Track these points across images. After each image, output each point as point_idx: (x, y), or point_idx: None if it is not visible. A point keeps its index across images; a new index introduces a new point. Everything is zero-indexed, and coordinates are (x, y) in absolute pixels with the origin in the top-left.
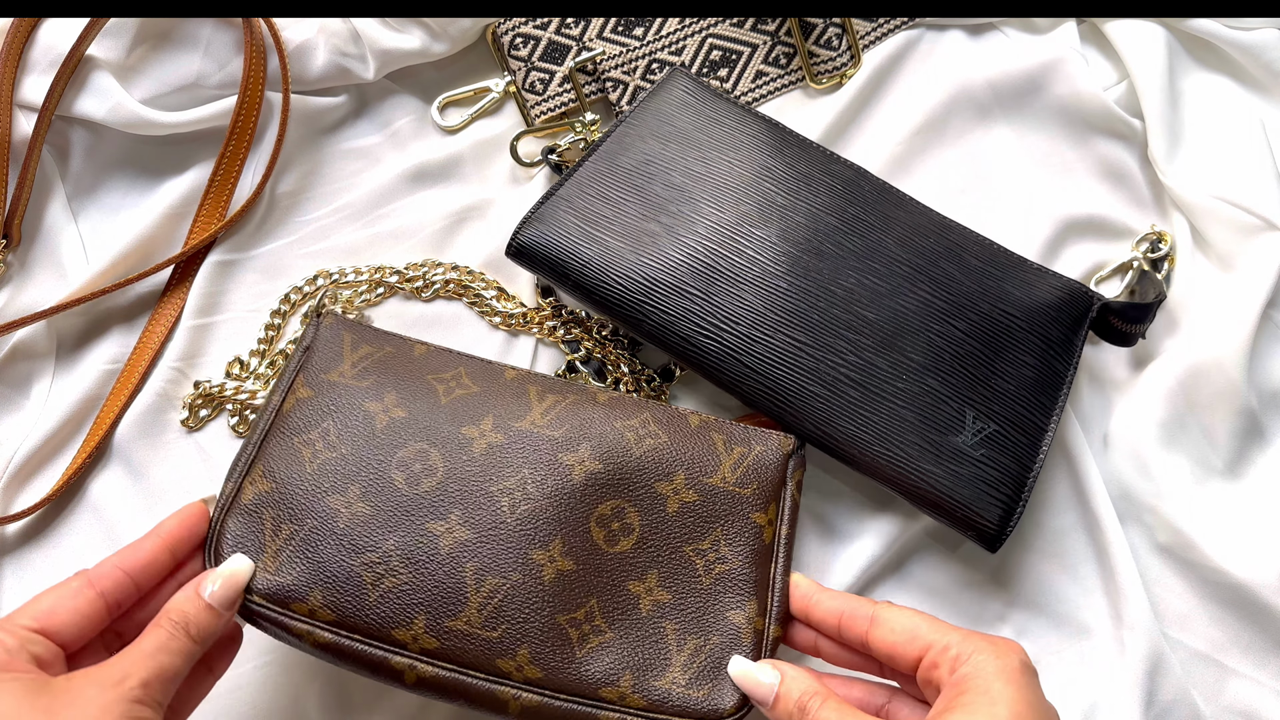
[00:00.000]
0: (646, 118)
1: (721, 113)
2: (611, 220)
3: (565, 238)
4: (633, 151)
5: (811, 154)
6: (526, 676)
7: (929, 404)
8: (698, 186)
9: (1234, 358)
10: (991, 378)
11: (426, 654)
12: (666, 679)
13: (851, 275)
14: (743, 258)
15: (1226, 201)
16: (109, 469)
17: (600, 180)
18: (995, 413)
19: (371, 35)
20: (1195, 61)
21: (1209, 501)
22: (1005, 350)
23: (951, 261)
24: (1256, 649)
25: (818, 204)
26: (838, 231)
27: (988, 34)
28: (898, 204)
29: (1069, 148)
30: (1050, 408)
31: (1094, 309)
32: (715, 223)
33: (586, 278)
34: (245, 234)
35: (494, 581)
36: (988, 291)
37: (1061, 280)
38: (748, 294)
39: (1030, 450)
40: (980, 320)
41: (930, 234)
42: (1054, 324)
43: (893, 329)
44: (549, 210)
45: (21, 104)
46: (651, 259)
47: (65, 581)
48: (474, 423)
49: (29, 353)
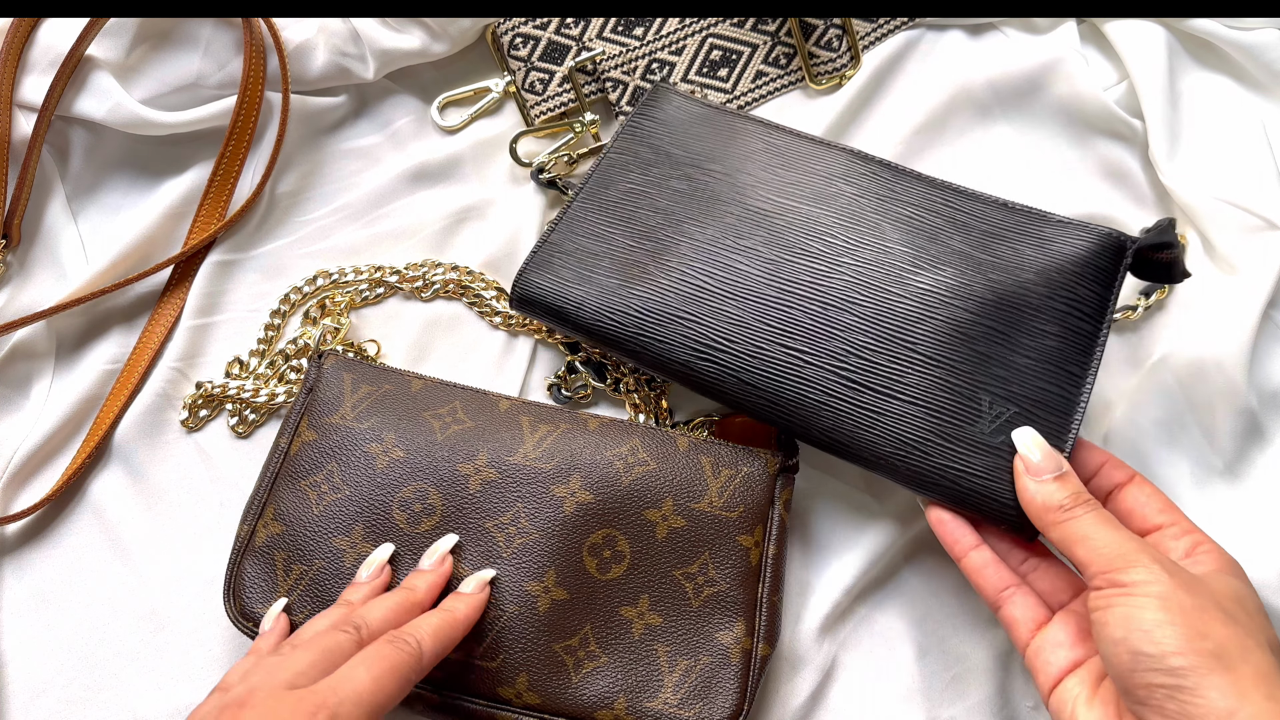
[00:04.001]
0: (628, 145)
1: (704, 124)
2: (601, 257)
3: (558, 283)
4: (617, 183)
5: (801, 147)
6: (526, 702)
7: (940, 397)
8: (681, 206)
9: (1234, 358)
10: (1009, 355)
11: (432, 683)
12: (659, 700)
13: (845, 272)
14: (729, 272)
15: (1227, 202)
16: (109, 469)
17: (588, 218)
18: (1014, 394)
19: (371, 35)
20: (1195, 61)
21: (1209, 502)
22: (1023, 323)
23: (959, 233)
24: None
25: (806, 201)
26: (829, 226)
27: (988, 34)
28: (897, 182)
29: (1069, 148)
30: (1081, 378)
31: (1129, 252)
32: (700, 241)
33: (583, 320)
34: (245, 234)
35: (491, 614)
36: (1000, 260)
37: (1087, 229)
38: (737, 309)
39: (1059, 429)
40: (992, 295)
41: (935, 208)
42: (1079, 281)
43: (894, 323)
44: (541, 258)
45: (21, 104)
46: (642, 291)
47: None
48: (469, 459)
49: (29, 353)
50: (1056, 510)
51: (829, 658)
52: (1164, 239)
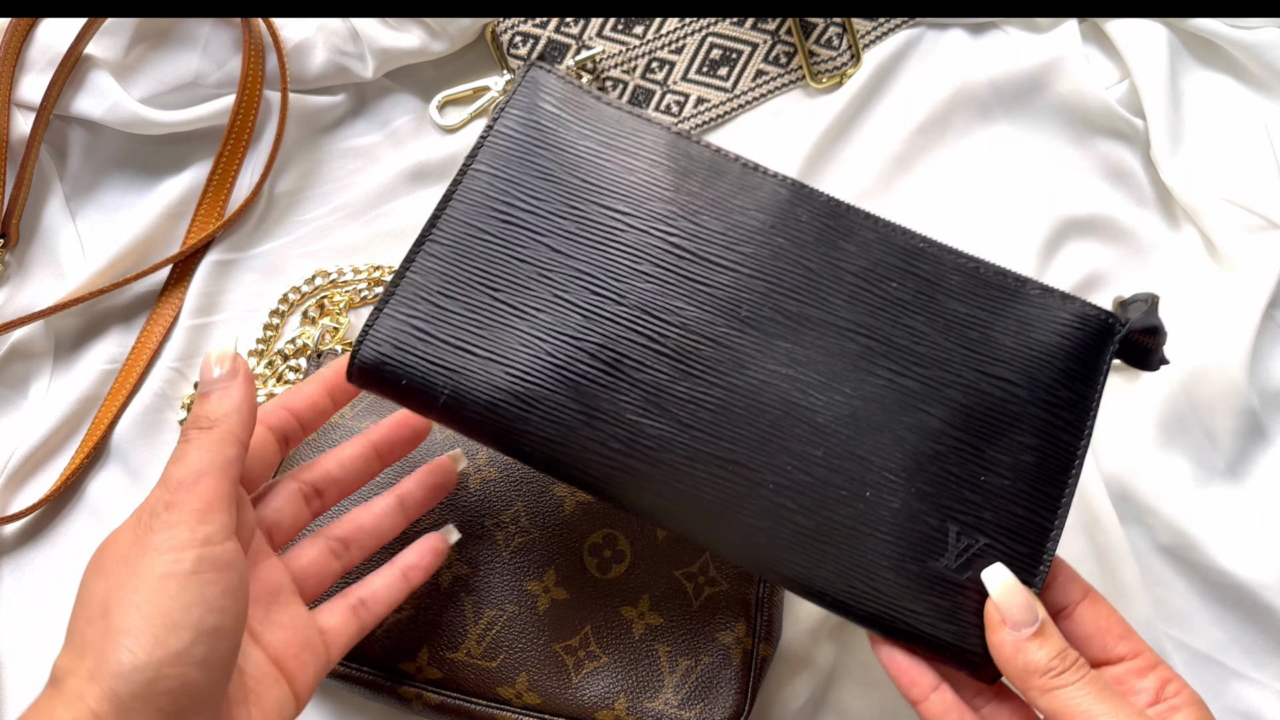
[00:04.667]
0: (494, 160)
1: (596, 132)
2: (461, 322)
3: (407, 357)
4: (479, 216)
5: (726, 176)
6: (526, 702)
7: (901, 524)
8: (563, 253)
9: (1235, 358)
10: (980, 475)
11: (432, 683)
12: (660, 700)
13: (784, 359)
14: (628, 351)
15: (1229, 201)
16: (107, 469)
17: (442, 268)
18: (986, 522)
19: (370, 34)
20: (1197, 60)
21: (1211, 502)
22: (998, 435)
23: (921, 313)
24: (1258, 650)
25: (731, 263)
26: (763, 292)
27: (989, 33)
28: (847, 233)
29: (1070, 147)
30: (1056, 499)
31: (1117, 338)
32: (585, 306)
33: (448, 408)
34: (243, 233)
35: (491, 614)
36: (972, 351)
37: (1069, 307)
38: (639, 401)
39: (1030, 560)
40: (963, 399)
41: (893, 273)
42: (1062, 381)
43: (848, 432)
44: (383, 327)
45: (19, 103)
46: (512, 369)
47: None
48: (470, 458)
49: (27, 352)
50: (1042, 675)
51: (829, 658)
52: (1152, 322)
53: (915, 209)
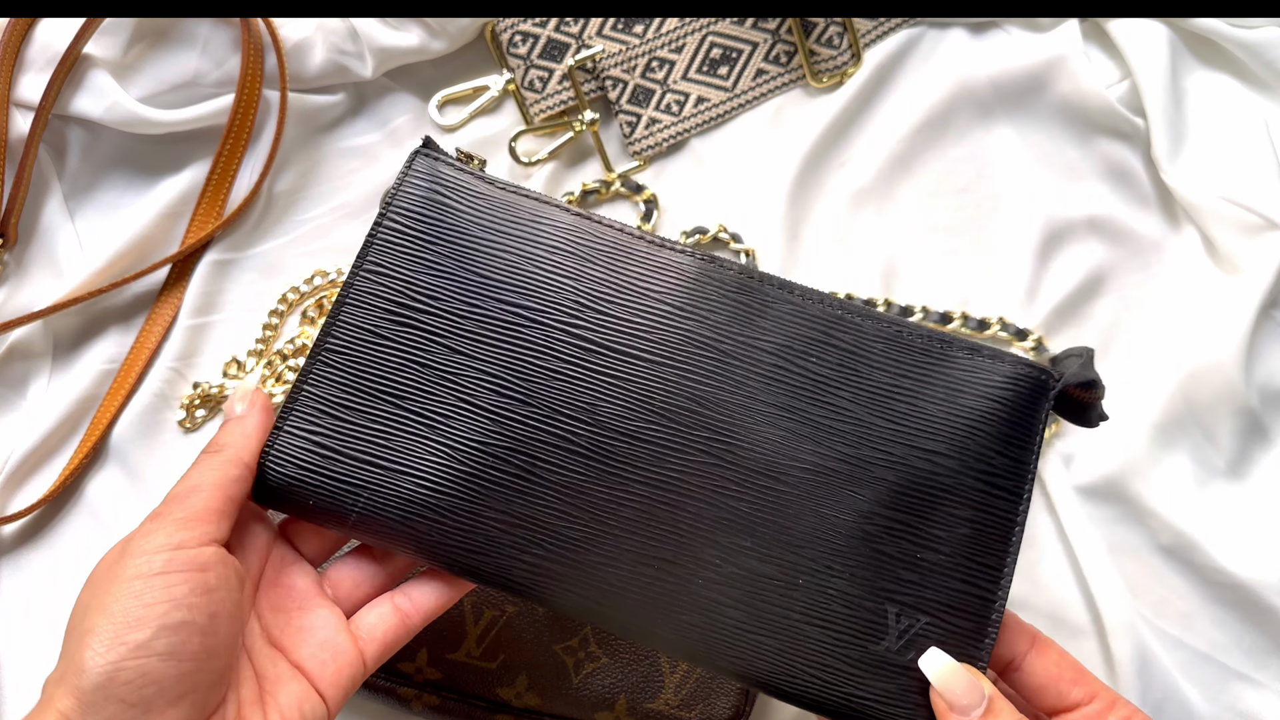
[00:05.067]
0: (387, 257)
1: (493, 222)
2: (366, 435)
3: (312, 477)
4: (374, 321)
5: (630, 257)
6: (525, 703)
7: (838, 610)
8: (465, 354)
9: (1233, 357)
10: (916, 552)
11: (432, 684)
12: (660, 700)
13: (702, 450)
14: (540, 454)
15: (1229, 200)
16: (106, 469)
17: (341, 379)
18: (926, 600)
19: (369, 33)
20: (1198, 60)
21: (1211, 502)
22: (931, 509)
23: (845, 388)
24: (1259, 650)
25: (640, 344)
26: (676, 381)
27: (990, 32)
28: (761, 309)
29: (1071, 146)
30: (998, 569)
31: (1051, 394)
32: (492, 410)
33: (360, 525)
34: (242, 233)
35: (491, 614)
36: (899, 425)
37: (999, 365)
38: (557, 504)
39: (974, 635)
40: (893, 476)
41: (812, 347)
42: (996, 445)
43: (775, 519)
44: (284, 446)
45: (18, 102)
46: (423, 480)
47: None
48: None
49: (26, 352)
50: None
51: None
52: (1089, 376)
53: (915, 209)
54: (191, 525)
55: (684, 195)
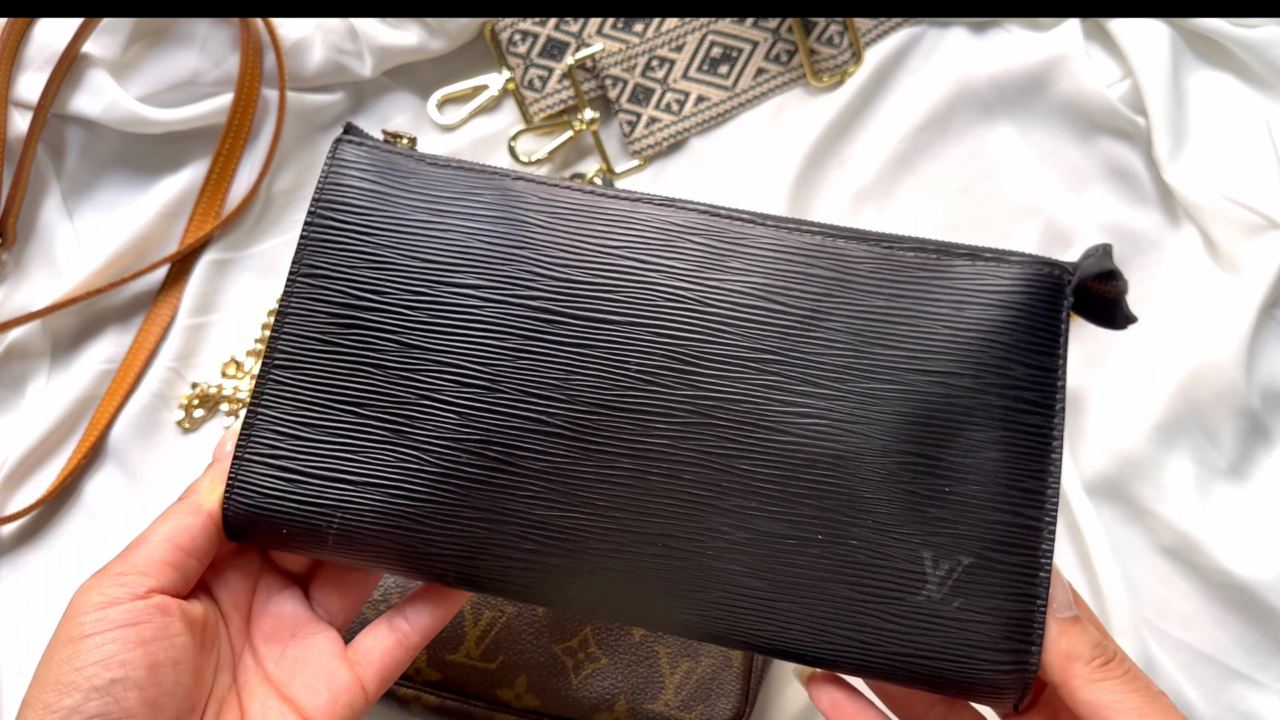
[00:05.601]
0: (315, 264)
1: (422, 202)
2: (329, 451)
3: (279, 504)
4: (320, 328)
5: (580, 212)
6: (525, 704)
7: (866, 562)
8: (421, 347)
9: (1234, 357)
10: (944, 486)
11: (431, 685)
12: (660, 702)
13: (689, 409)
14: (516, 441)
15: (1230, 200)
16: (104, 470)
17: (295, 395)
18: (963, 538)
19: (369, 32)
20: (1200, 59)
21: (1213, 503)
22: (953, 437)
23: (834, 319)
24: (1260, 651)
25: (604, 305)
26: (649, 340)
27: (991, 31)
28: (732, 249)
29: (1072, 146)
30: (1040, 493)
31: (1069, 288)
32: (457, 402)
33: (339, 546)
34: (241, 232)
35: (491, 615)
36: (901, 350)
37: (1004, 267)
38: (543, 493)
39: (1027, 571)
40: (903, 407)
41: (792, 281)
42: (1015, 358)
43: (779, 472)
44: (245, 476)
45: (16, 102)
46: (396, 489)
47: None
48: None
49: (24, 352)
50: (1087, 663)
51: None
52: (1106, 266)
53: (916, 208)
54: (127, 579)
55: (684, 194)
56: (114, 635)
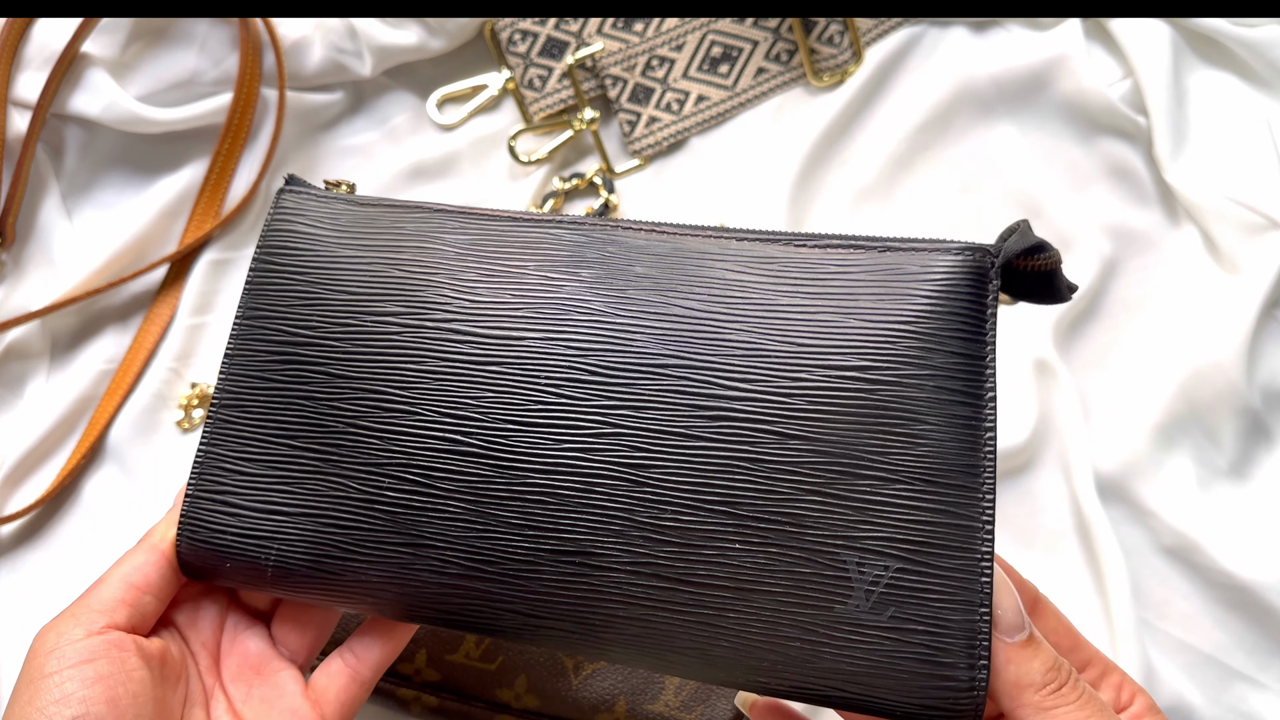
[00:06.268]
0: (257, 306)
1: (363, 237)
2: (267, 484)
3: (222, 538)
4: (260, 366)
5: (493, 236)
6: (525, 705)
7: (787, 571)
8: (347, 377)
9: (1235, 357)
10: (868, 486)
11: (430, 686)
12: (660, 702)
13: (599, 420)
14: (433, 463)
15: (1231, 200)
16: (103, 470)
17: (237, 432)
18: (888, 542)
19: (368, 31)
20: (1200, 58)
21: (1213, 503)
22: (875, 433)
23: (738, 323)
24: (1261, 651)
25: (514, 322)
26: (561, 354)
27: (991, 30)
28: (634, 257)
29: (1073, 145)
30: (973, 489)
31: (993, 270)
32: (379, 428)
33: (277, 580)
34: (240, 232)
35: None
36: (815, 346)
37: (920, 253)
38: (462, 514)
39: (965, 575)
40: (825, 402)
41: (695, 287)
42: (938, 345)
43: (700, 477)
44: (193, 513)
45: (16, 101)
46: (325, 518)
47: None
48: None
49: (23, 352)
50: (1038, 690)
51: None
52: (1031, 241)
53: (916, 208)
54: (82, 618)
55: (684, 194)
56: (71, 673)
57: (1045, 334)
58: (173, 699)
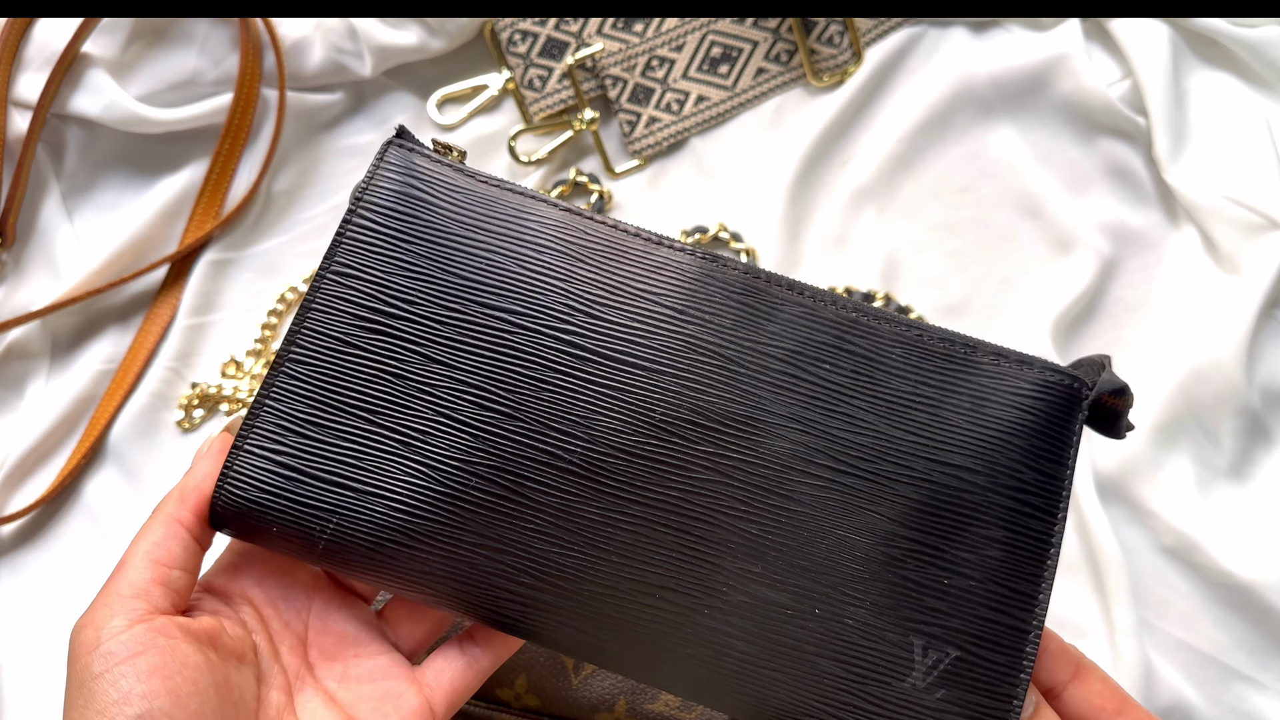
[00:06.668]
0: (350, 262)
1: (473, 217)
2: (335, 454)
3: (274, 500)
4: (344, 328)
5: (626, 256)
6: (525, 704)
7: (859, 642)
8: (444, 364)
9: (1234, 357)
10: (943, 578)
11: None
12: (660, 702)
13: (707, 466)
14: (528, 472)
15: (1231, 200)
16: (103, 470)
17: (308, 392)
18: (954, 630)
19: (368, 31)
20: (1200, 59)
21: (1213, 503)
22: (959, 530)
23: (861, 396)
24: (1261, 651)
25: (637, 350)
26: (678, 391)
27: (991, 30)
28: (769, 312)
29: (1073, 145)
30: (1032, 596)
31: (1084, 404)
32: (475, 424)
33: (328, 553)
34: (241, 232)
35: None
36: (921, 437)
37: (1027, 373)
38: (547, 527)
39: (1009, 671)
40: (915, 494)
41: (824, 353)
42: (1027, 459)
43: (787, 541)
44: (244, 467)
45: (16, 101)
46: (399, 502)
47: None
48: None
49: (23, 353)
50: None
51: None
52: (1118, 383)
53: (916, 208)
54: (117, 607)
55: (684, 194)
56: (124, 669)
57: (1045, 334)
58: (238, 679)
